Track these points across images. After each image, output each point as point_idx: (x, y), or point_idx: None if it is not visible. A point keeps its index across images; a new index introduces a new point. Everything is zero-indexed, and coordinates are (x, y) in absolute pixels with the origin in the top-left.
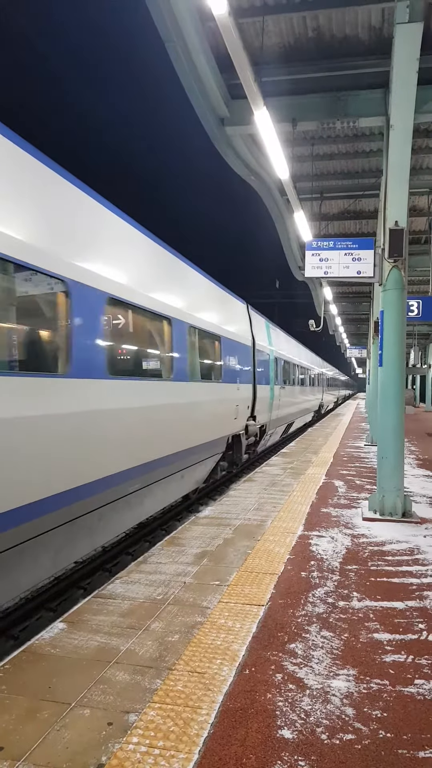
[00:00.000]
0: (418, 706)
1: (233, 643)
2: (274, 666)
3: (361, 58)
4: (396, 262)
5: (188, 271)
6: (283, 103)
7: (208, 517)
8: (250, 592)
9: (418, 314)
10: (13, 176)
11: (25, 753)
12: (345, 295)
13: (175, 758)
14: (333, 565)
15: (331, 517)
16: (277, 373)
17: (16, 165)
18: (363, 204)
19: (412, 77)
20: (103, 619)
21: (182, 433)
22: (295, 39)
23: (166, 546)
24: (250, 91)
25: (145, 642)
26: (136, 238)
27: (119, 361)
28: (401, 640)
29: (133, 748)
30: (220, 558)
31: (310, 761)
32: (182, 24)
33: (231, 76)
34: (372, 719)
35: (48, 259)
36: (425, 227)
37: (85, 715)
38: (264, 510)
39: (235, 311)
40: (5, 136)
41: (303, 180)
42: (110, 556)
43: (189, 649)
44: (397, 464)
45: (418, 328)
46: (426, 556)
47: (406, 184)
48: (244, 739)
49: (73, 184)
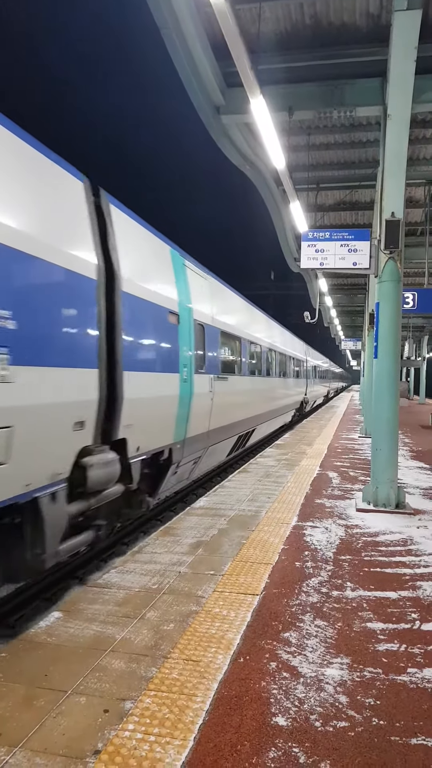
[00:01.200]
0: (410, 694)
1: (228, 631)
2: (268, 654)
3: (358, 46)
4: (392, 253)
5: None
6: (279, 91)
7: (203, 508)
8: (245, 581)
9: (414, 306)
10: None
11: (22, 739)
12: (340, 287)
13: (170, 745)
14: (327, 555)
15: (325, 508)
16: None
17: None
18: (359, 195)
19: (410, 66)
20: (99, 608)
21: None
22: (291, 26)
23: (161, 536)
24: (247, 79)
25: (140, 630)
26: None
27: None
28: (394, 630)
29: (129, 735)
30: (215, 548)
31: (304, 748)
32: (178, 10)
33: (227, 64)
34: (365, 707)
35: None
36: (422, 219)
37: (81, 702)
38: (258, 501)
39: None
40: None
41: (299, 170)
42: (105, 546)
43: (184, 637)
44: (391, 456)
45: (413, 320)
46: (419, 546)
47: (402, 175)
48: (239, 726)
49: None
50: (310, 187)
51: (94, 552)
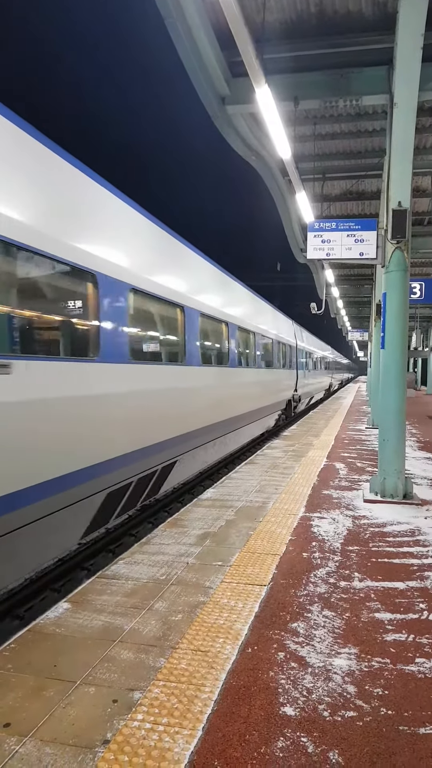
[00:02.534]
0: (419, 684)
1: (236, 622)
2: (276, 645)
3: (364, 35)
4: (399, 243)
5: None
6: (284, 81)
7: (210, 499)
8: (253, 572)
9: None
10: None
11: (32, 729)
12: (347, 278)
13: (179, 734)
14: (334, 546)
15: (332, 498)
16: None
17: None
18: (366, 185)
19: (416, 54)
20: (107, 599)
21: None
22: (297, 14)
23: (168, 527)
24: (252, 68)
25: (148, 621)
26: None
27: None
28: (402, 620)
29: (138, 725)
30: (223, 539)
31: (312, 738)
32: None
33: (232, 54)
34: (373, 697)
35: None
36: (429, 208)
37: (90, 692)
38: (265, 492)
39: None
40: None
41: (305, 160)
42: (113, 537)
43: (192, 628)
44: (399, 447)
45: (421, 310)
46: (427, 537)
47: (409, 164)
48: (248, 716)
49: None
50: (316, 177)
51: (103, 543)
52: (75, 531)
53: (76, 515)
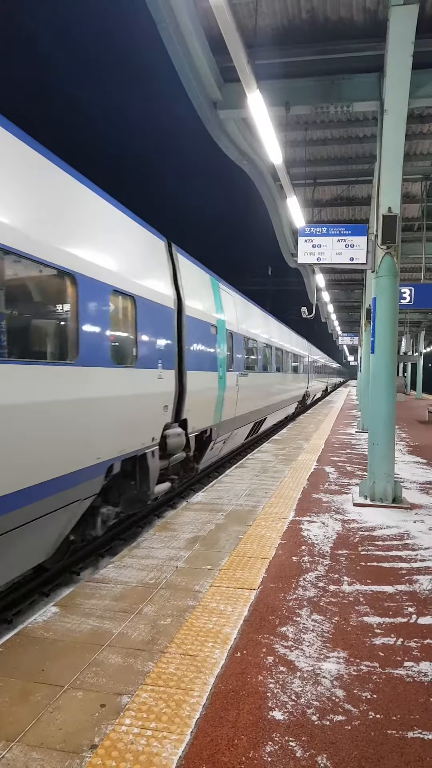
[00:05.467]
0: (407, 688)
1: (225, 626)
2: (265, 649)
3: (355, 41)
4: (389, 248)
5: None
6: (276, 86)
7: (200, 503)
8: (242, 576)
9: (411, 302)
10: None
11: (19, 734)
12: (337, 282)
13: (167, 739)
14: (324, 549)
15: (322, 502)
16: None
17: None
18: (356, 190)
19: (406, 61)
20: (96, 603)
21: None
22: (288, 20)
23: (158, 531)
24: (243, 73)
25: (137, 625)
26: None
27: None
28: (391, 623)
29: (126, 730)
30: (212, 543)
31: (300, 742)
32: (175, 5)
33: (224, 59)
34: (362, 701)
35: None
36: (418, 214)
37: (78, 697)
38: (255, 496)
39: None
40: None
41: (296, 165)
42: (103, 541)
43: (181, 632)
44: (388, 451)
45: (410, 315)
46: (415, 541)
47: (399, 170)
48: (236, 720)
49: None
50: (308, 182)
51: (92, 547)
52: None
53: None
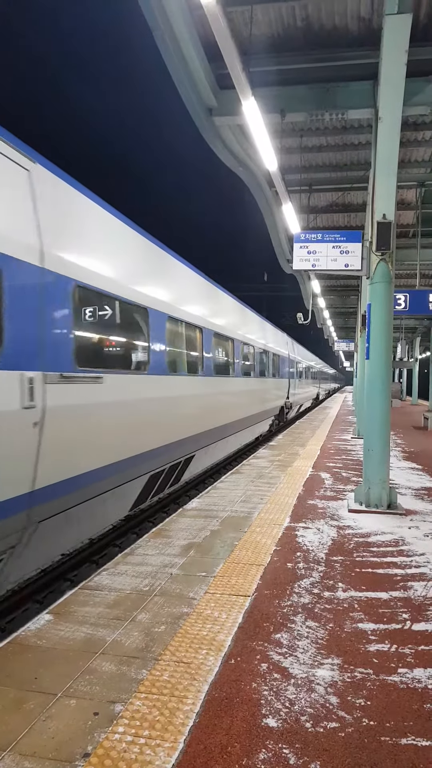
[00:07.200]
0: (401, 695)
1: (219, 633)
2: (259, 656)
3: (350, 50)
4: (383, 255)
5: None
6: (271, 93)
7: (196, 509)
8: (237, 583)
9: (406, 308)
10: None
11: (11, 743)
12: (333, 289)
13: (160, 747)
14: (319, 556)
15: (317, 508)
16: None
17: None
18: (351, 197)
19: (400, 69)
20: (90, 610)
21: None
22: (283, 29)
23: (153, 538)
24: (239, 81)
25: (131, 633)
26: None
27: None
28: (385, 630)
29: (119, 738)
30: (207, 549)
31: (294, 749)
32: (170, 12)
33: (219, 66)
34: (356, 707)
35: None
36: (413, 221)
37: (71, 705)
38: (251, 502)
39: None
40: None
41: (291, 172)
42: (97, 548)
43: (175, 639)
44: (383, 457)
45: (405, 321)
46: (410, 547)
47: (394, 177)
48: (230, 727)
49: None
50: (303, 188)
51: (86, 554)
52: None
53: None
